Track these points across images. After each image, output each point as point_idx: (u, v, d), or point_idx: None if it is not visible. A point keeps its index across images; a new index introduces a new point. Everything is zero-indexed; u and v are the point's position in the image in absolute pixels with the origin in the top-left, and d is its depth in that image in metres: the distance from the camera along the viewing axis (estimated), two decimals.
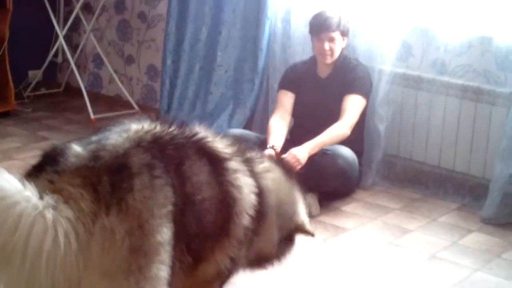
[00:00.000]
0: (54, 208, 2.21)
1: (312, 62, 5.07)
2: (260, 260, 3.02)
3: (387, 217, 4.65)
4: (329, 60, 4.91)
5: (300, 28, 5.48)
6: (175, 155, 2.50)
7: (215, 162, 2.65)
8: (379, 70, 5.10)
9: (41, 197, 2.21)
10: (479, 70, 4.86)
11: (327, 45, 4.85)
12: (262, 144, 4.70)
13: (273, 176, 2.93)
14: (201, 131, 2.71)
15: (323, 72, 5.00)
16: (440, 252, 4.20)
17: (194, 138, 2.64)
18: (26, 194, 2.19)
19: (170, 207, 2.37)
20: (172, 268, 2.41)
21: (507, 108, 4.66)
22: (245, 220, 2.73)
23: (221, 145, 2.72)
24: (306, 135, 4.69)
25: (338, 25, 4.86)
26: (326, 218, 4.56)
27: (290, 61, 5.49)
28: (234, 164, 2.71)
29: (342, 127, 4.72)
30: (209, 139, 2.69)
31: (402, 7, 5.04)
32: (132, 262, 2.27)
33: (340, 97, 4.85)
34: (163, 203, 2.36)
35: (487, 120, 4.82)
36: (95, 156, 2.33)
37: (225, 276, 2.85)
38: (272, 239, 2.96)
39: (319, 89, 4.97)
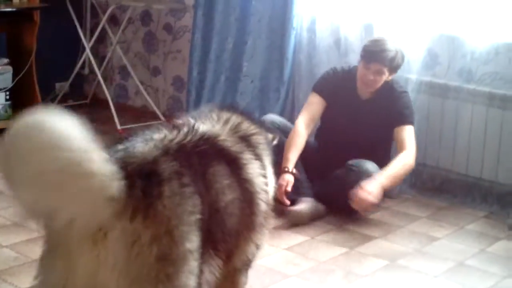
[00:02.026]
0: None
1: (353, 78, 4.80)
2: None
3: (414, 225, 4.63)
4: (368, 90, 4.73)
5: (325, 37, 5.49)
6: (199, 164, 2.50)
7: (231, 161, 2.67)
8: (406, 79, 5.08)
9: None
10: (506, 78, 4.84)
11: (371, 76, 4.64)
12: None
13: (264, 141, 2.98)
14: (209, 127, 2.72)
15: (364, 93, 4.80)
16: (468, 260, 4.17)
17: (210, 140, 2.65)
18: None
19: (198, 215, 2.37)
20: (202, 275, 2.41)
21: None
22: (263, 206, 2.78)
23: (230, 142, 2.74)
24: (334, 154, 4.70)
25: (392, 61, 4.61)
26: (353, 226, 4.54)
27: (315, 71, 5.48)
28: (244, 156, 2.74)
29: (410, 158, 4.59)
30: (221, 137, 2.71)
31: (428, 14, 5.03)
32: (160, 270, 2.25)
33: (378, 122, 4.72)
34: (192, 210, 2.34)
35: None
36: (124, 162, 2.30)
37: (252, 261, 2.89)
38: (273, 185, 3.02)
39: (356, 110, 4.79)
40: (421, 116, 5.09)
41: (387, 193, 4.88)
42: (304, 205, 4.57)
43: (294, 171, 4.57)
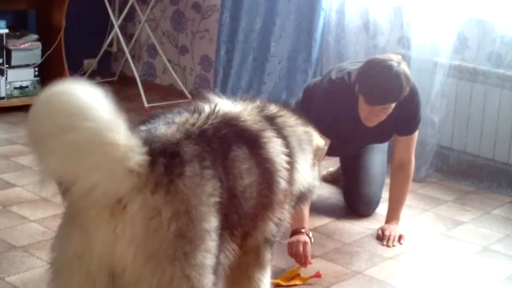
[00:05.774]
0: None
1: (355, 109, 3.99)
2: (298, 202, 3.00)
3: (439, 209, 4.62)
4: (372, 125, 4.04)
5: (354, 19, 5.48)
6: (220, 149, 2.50)
7: (251, 143, 2.64)
8: (435, 63, 5.07)
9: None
10: None
11: (376, 116, 3.93)
12: None
13: (291, 123, 2.93)
14: (231, 108, 2.71)
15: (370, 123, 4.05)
16: (493, 245, 4.16)
17: (231, 123, 2.63)
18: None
19: (217, 198, 2.38)
20: (219, 256, 2.42)
21: None
22: (282, 184, 2.74)
23: (251, 121, 2.71)
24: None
25: (399, 96, 3.82)
26: (378, 209, 4.52)
27: (343, 52, 5.49)
28: (265, 134, 2.71)
29: (411, 172, 4.24)
30: (242, 118, 2.69)
31: None
32: (177, 247, 2.25)
33: (389, 130, 4.16)
34: (211, 192, 2.35)
35: None
36: (148, 141, 2.30)
37: (273, 238, 2.86)
38: (304, 177, 2.95)
39: (365, 134, 4.17)
40: (449, 100, 5.08)
41: (414, 177, 4.83)
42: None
43: (310, 234, 3.76)
